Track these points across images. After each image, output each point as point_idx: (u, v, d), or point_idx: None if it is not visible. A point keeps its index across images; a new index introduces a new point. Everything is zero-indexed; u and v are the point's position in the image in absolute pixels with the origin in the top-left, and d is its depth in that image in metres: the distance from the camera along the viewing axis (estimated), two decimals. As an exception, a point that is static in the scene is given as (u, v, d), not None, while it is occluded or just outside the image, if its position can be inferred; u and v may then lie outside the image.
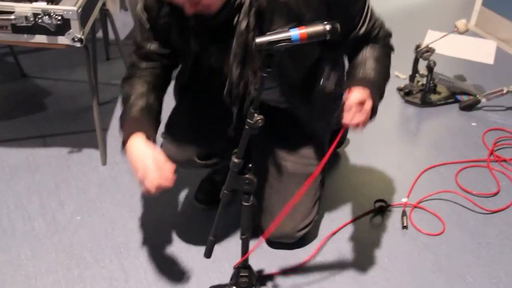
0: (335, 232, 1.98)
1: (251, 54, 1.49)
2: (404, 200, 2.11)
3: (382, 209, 2.06)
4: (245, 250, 1.55)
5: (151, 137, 1.53)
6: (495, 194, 2.16)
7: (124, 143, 1.52)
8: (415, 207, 2.09)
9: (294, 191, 1.78)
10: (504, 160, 2.33)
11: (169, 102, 1.79)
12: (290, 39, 1.24)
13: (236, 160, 1.39)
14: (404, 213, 2.05)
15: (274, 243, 1.91)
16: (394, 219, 2.04)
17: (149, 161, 1.44)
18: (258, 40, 1.25)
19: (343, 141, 2.35)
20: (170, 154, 1.72)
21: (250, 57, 1.50)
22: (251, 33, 1.45)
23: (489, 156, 2.35)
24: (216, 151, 1.78)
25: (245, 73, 1.52)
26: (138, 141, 1.49)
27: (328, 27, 1.25)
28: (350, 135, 2.40)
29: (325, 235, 1.96)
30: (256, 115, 1.32)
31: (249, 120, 1.32)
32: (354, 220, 2.02)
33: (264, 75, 1.28)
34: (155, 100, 1.66)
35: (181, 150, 1.75)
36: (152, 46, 1.63)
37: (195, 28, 1.51)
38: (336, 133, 2.23)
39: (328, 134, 1.93)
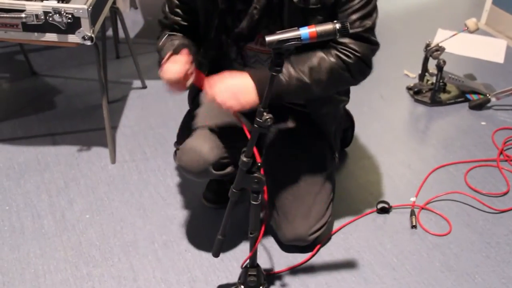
0: (342, 229, 1.97)
1: (272, 4, 1.55)
2: (413, 199, 2.10)
3: (384, 210, 2.05)
4: (253, 248, 1.55)
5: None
6: (505, 193, 2.15)
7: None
8: (423, 207, 2.08)
9: (309, 191, 1.78)
10: (514, 160, 2.32)
11: (181, 107, 1.80)
12: (300, 38, 1.25)
13: (244, 159, 1.39)
14: (412, 213, 2.04)
15: (288, 247, 1.89)
16: (402, 219, 2.04)
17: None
18: (268, 38, 1.25)
19: (350, 140, 2.35)
20: (185, 165, 1.73)
21: (270, 7, 1.55)
22: None
23: (499, 156, 2.34)
24: (231, 161, 1.75)
25: (262, 20, 1.57)
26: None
27: (338, 25, 1.25)
28: (358, 134, 2.39)
29: (333, 234, 1.96)
30: (265, 113, 1.32)
31: (258, 119, 1.32)
32: (355, 220, 2.01)
33: (274, 74, 1.28)
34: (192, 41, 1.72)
35: (195, 162, 1.71)
36: (177, 17, 1.70)
37: None
38: (345, 132, 2.25)
39: (339, 132, 1.93)
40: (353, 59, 1.57)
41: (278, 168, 1.83)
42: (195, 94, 1.88)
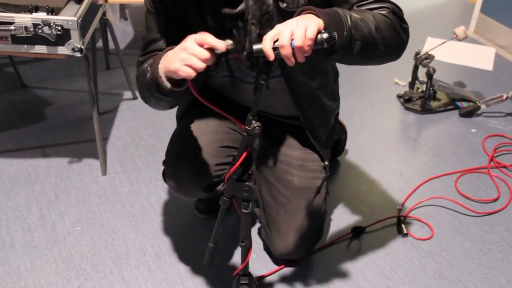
0: (336, 240, 1.97)
1: (269, 12, 1.50)
2: (400, 207, 2.10)
3: (358, 232, 2.00)
4: (244, 257, 1.55)
5: None
6: (495, 200, 2.16)
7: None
8: (408, 215, 2.08)
9: (302, 206, 1.77)
10: (505, 166, 2.33)
11: (172, 118, 1.79)
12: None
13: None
14: (403, 221, 2.04)
15: (280, 260, 1.88)
16: (394, 227, 2.04)
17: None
18: (256, 47, 1.25)
19: (342, 150, 2.35)
20: (174, 187, 1.73)
21: (268, 16, 1.50)
22: None
23: (489, 163, 2.35)
24: (221, 179, 1.74)
25: (264, 32, 1.45)
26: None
27: (325, 35, 1.26)
28: (349, 142, 2.40)
29: (326, 242, 1.96)
30: (254, 122, 1.32)
31: (246, 127, 1.33)
32: (349, 233, 2.01)
33: (262, 82, 1.29)
34: None
35: (184, 184, 1.71)
36: (163, 43, 1.59)
37: (210, 0, 1.51)
38: (336, 144, 2.25)
39: (331, 142, 1.93)
40: (391, 8, 1.48)
41: (269, 181, 1.82)
42: (183, 112, 1.86)
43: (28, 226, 2.01)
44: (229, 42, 1.31)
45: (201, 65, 1.31)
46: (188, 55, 1.32)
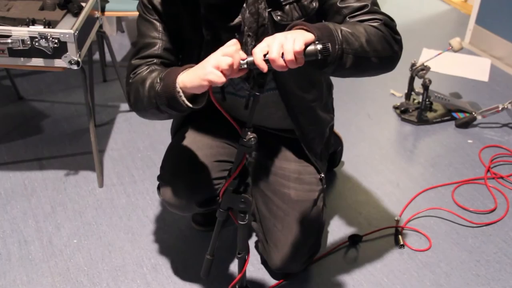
0: (334, 249, 1.97)
1: (264, 25, 1.49)
2: (397, 218, 2.10)
3: (355, 240, 2.01)
4: (241, 269, 1.54)
5: None
6: (493, 210, 2.16)
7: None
8: (411, 225, 2.08)
9: (299, 219, 1.75)
10: (501, 177, 2.33)
11: (169, 130, 1.79)
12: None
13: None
14: (400, 232, 2.04)
15: (278, 274, 1.87)
16: (391, 238, 2.04)
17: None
18: (250, 58, 1.26)
19: (338, 161, 2.35)
20: (168, 202, 1.72)
21: (263, 29, 1.50)
22: (262, 2, 1.46)
23: (486, 173, 2.35)
24: (216, 195, 1.73)
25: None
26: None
27: (319, 46, 1.26)
28: (345, 154, 2.40)
29: (323, 253, 1.95)
30: (249, 133, 1.32)
31: (242, 138, 1.33)
32: (345, 242, 2.01)
33: (257, 94, 1.29)
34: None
35: (178, 200, 1.70)
36: (157, 49, 1.56)
37: (205, 13, 1.50)
38: (333, 156, 2.25)
39: (326, 155, 1.92)
40: (383, 20, 1.49)
41: (265, 194, 1.81)
42: (178, 126, 1.85)
43: (25, 238, 2.00)
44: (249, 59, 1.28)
45: (231, 72, 1.27)
46: (219, 61, 1.27)
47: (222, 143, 1.78)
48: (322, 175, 1.83)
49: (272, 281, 1.85)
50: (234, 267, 1.90)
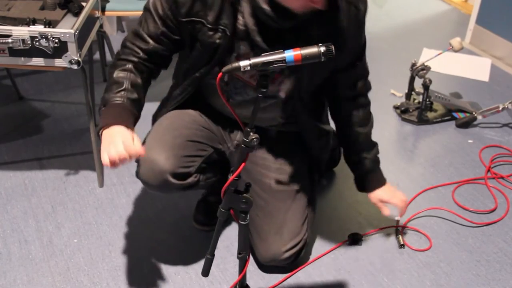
0: (334, 248, 1.97)
1: None
2: (397, 218, 2.10)
3: (355, 239, 2.02)
4: (242, 269, 1.54)
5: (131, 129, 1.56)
6: (493, 210, 2.16)
7: (106, 125, 1.53)
8: (411, 225, 2.08)
9: (280, 207, 1.78)
10: (502, 177, 2.33)
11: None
12: (284, 60, 1.25)
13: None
14: (398, 232, 2.04)
15: (267, 268, 1.88)
16: (391, 238, 2.04)
17: (118, 136, 1.48)
18: (254, 60, 1.26)
19: (338, 160, 2.35)
20: (143, 178, 1.73)
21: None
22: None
23: (487, 173, 2.35)
24: (193, 170, 1.74)
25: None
26: (120, 128, 1.52)
27: (322, 49, 1.26)
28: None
29: (323, 252, 1.95)
30: (252, 134, 1.32)
31: (244, 139, 1.33)
32: (345, 241, 2.01)
33: (260, 95, 1.29)
34: (143, 97, 1.68)
35: (151, 172, 1.69)
36: (156, 44, 1.65)
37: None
38: (333, 151, 2.25)
39: (327, 153, 1.95)
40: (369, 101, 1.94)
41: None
42: (157, 115, 1.89)
43: (25, 238, 2.00)
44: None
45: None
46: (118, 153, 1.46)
47: (200, 126, 1.81)
48: (314, 167, 1.92)
49: (272, 281, 1.85)
50: (234, 267, 1.90)
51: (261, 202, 1.81)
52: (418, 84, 2.67)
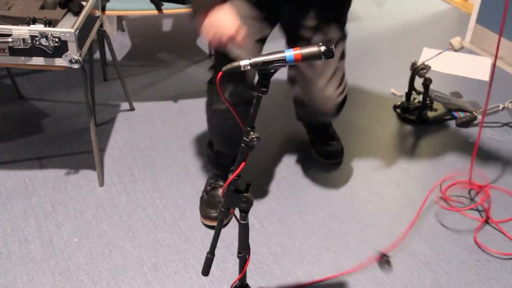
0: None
1: None
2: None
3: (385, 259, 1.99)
4: (242, 268, 1.55)
5: None
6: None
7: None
8: (412, 225, 2.09)
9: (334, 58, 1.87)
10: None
11: (169, 129, 1.79)
12: (284, 60, 1.26)
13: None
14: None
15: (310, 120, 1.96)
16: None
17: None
18: (254, 60, 1.26)
19: (340, 161, 2.35)
20: (226, 87, 1.82)
21: None
22: None
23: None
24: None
25: None
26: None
27: (323, 48, 1.27)
28: (346, 153, 2.40)
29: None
30: (252, 133, 1.33)
31: (245, 138, 1.33)
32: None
33: (260, 95, 1.29)
34: None
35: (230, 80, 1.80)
36: None
37: None
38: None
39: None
40: None
41: (302, 40, 1.95)
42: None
43: (25, 237, 2.00)
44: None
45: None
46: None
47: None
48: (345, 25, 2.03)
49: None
50: (234, 266, 1.90)
51: (315, 63, 1.93)
52: (418, 83, 2.67)
